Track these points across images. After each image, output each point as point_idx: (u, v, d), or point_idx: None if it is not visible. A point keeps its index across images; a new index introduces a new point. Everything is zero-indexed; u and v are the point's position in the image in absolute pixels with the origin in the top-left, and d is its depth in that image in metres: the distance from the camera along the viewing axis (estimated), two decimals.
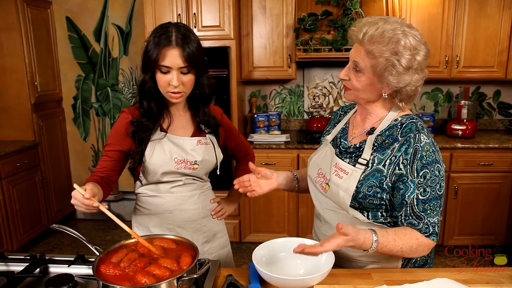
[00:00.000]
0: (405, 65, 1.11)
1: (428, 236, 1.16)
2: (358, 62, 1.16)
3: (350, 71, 1.20)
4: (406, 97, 1.19)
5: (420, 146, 1.14)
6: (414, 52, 1.12)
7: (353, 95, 1.23)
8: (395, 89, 1.17)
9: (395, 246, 1.13)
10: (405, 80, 1.14)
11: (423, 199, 1.14)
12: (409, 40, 1.11)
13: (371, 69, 1.15)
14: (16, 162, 3.24)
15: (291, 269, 1.23)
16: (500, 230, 3.22)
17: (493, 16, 3.16)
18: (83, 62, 3.88)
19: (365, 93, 1.20)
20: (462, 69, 3.29)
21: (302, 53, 3.22)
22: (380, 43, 1.11)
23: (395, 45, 1.10)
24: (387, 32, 1.11)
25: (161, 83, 1.34)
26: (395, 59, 1.11)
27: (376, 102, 1.24)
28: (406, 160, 1.14)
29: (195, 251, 1.13)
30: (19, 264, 1.24)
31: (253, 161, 1.70)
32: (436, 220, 1.16)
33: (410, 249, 1.15)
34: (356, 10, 3.08)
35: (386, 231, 1.14)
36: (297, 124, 3.86)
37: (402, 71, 1.12)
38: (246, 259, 3.22)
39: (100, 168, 1.38)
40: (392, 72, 1.12)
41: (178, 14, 3.09)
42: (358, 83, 1.19)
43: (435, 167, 1.14)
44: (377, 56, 1.12)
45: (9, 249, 3.15)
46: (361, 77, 1.17)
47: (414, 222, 1.16)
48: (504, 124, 3.70)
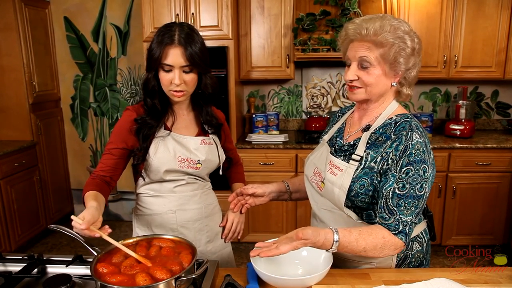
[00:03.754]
0: (410, 46, 1.17)
1: (396, 234, 1.14)
2: (366, 57, 1.17)
3: (358, 70, 1.20)
4: (412, 80, 1.23)
5: (411, 144, 1.14)
6: (411, 36, 1.18)
7: (365, 92, 1.22)
8: (403, 74, 1.20)
9: (358, 246, 1.12)
10: (412, 61, 1.19)
11: (399, 194, 1.13)
12: (404, 27, 1.18)
13: (381, 59, 1.17)
14: (14, 162, 3.23)
15: (290, 269, 1.23)
16: (498, 230, 3.23)
17: (491, 16, 3.17)
18: (81, 62, 3.87)
19: (377, 87, 1.21)
20: (460, 69, 3.29)
21: (301, 53, 3.22)
22: (385, 32, 1.15)
23: (397, 31, 1.16)
24: (385, 23, 1.16)
25: (163, 81, 1.35)
26: (402, 42, 1.16)
27: (385, 95, 1.25)
28: (394, 156, 1.14)
29: (193, 250, 1.13)
30: (17, 264, 1.24)
31: (242, 169, 1.76)
32: (408, 220, 1.14)
33: (374, 248, 1.13)
34: (354, 10, 3.08)
35: (349, 231, 1.12)
36: (296, 124, 3.86)
37: (410, 52, 1.17)
38: (245, 259, 3.22)
39: (103, 167, 1.37)
40: (402, 54, 1.17)
41: (176, 14, 3.08)
42: (371, 77, 1.19)
43: (421, 167, 1.13)
44: (384, 44, 1.15)
45: (7, 249, 3.14)
46: (371, 70, 1.18)
47: (385, 216, 1.15)
48: (502, 124, 3.70)
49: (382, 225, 1.16)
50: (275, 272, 1.14)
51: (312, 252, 1.25)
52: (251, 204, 1.47)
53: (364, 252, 1.13)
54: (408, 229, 1.14)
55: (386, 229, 1.15)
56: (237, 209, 1.47)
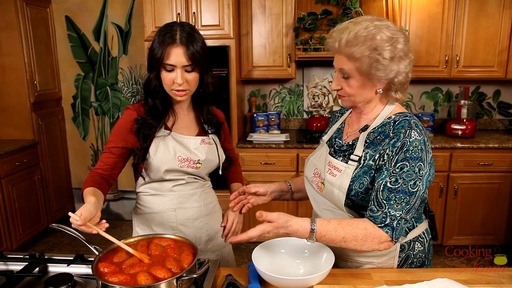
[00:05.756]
0: (388, 56, 1.12)
1: (382, 227, 1.11)
2: (343, 69, 1.17)
3: (340, 80, 1.21)
4: (399, 86, 1.19)
5: (409, 140, 1.13)
6: (392, 42, 1.12)
7: (349, 101, 1.24)
8: (387, 82, 1.17)
9: (336, 236, 1.10)
10: (393, 71, 1.14)
11: (391, 187, 1.12)
12: (383, 33, 1.12)
13: (357, 72, 1.15)
14: (15, 161, 3.24)
15: (291, 269, 1.23)
16: (499, 230, 3.22)
17: (493, 15, 3.16)
18: (83, 61, 3.87)
19: (360, 96, 1.21)
20: (462, 68, 3.28)
21: (302, 53, 3.21)
22: (356, 45, 1.12)
23: (372, 41, 1.11)
24: (360, 32, 1.12)
25: (165, 81, 1.35)
26: (377, 54, 1.11)
27: (373, 100, 1.24)
28: (391, 152, 1.14)
29: (194, 250, 1.13)
30: (18, 264, 1.24)
31: (240, 169, 1.76)
32: (397, 215, 1.11)
33: (354, 239, 1.11)
34: (356, 10, 3.07)
35: (328, 221, 1.12)
36: (297, 123, 3.86)
37: (387, 63, 1.13)
38: (246, 259, 3.22)
39: (102, 165, 1.37)
40: (378, 67, 1.13)
41: (178, 13, 3.08)
42: (351, 89, 1.19)
43: (416, 164, 1.12)
44: (358, 57, 1.13)
45: (8, 248, 3.14)
46: (350, 81, 1.18)
47: (373, 209, 1.13)
48: (504, 124, 3.69)
49: (369, 218, 1.14)
50: (276, 272, 1.14)
51: (313, 252, 1.25)
52: (253, 203, 1.46)
53: (344, 243, 1.11)
54: (396, 224, 1.11)
55: (371, 221, 1.13)
56: (237, 208, 1.46)
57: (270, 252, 1.25)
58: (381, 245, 1.13)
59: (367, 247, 1.13)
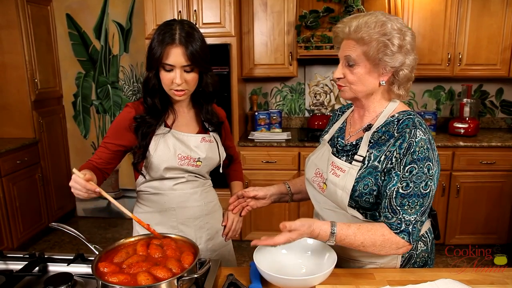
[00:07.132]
0: (397, 43, 1.13)
1: (398, 233, 1.12)
2: (349, 55, 1.17)
3: (344, 68, 1.21)
4: (403, 80, 1.18)
5: (415, 141, 1.12)
6: (402, 33, 1.14)
7: (350, 91, 1.22)
8: (392, 72, 1.17)
9: (355, 240, 1.12)
10: (399, 59, 1.14)
11: (403, 193, 1.11)
12: (394, 23, 1.14)
13: (364, 56, 1.15)
14: (16, 160, 3.23)
15: (293, 269, 1.22)
16: (502, 229, 3.21)
17: (496, 13, 3.14)
18: (83, 59, 3.87)
19: (362, 85, 1.19)
20: (465, 66, 3.26)
21: (304, 51, 3.20)
22: (367, 28, 1.13)
23: (382, 27, 1.13)
24: (370, 20, 1.14)
25: (164, 80, 1.35)
26: (386, 39, 1.12)
27: (374, 94, 1.22)
28: (398, 154, 1.13)
29: (195, 250, 1.12)
30: (18, 263, 1.23)
31: (240, 167, 1.77)
32: (412, 219, 1.12)
33: (373, 244, 1.12)
34: (358, 7, 3.06)
35: (348, 225, 1.14)
36: (298, 122, 3.84)
37: (396, 50, 1.13)
38: (247, 258, 3.21)
39: (96, 158, 1.38)
40: (386, 52, 1.13)
41: (179, 11, 3.07)
42: (354, 76, 1.18)
43: (424, 164, 1.11)
44: (367, 40, 1.13)
45: (9, 247, 3.14)
46: (355, 69, 1.18)
47: (388, 216, 1.14)
48: (506, 123, 3.68)
49: (385, 223, 1.15)
50: (278, 272, 1.13)
51: (316, 251, 1.24)
52: (252, 206, 1.47)
53: (363, 247, 1.13)
54: (412, 228, 1.12)
55: (387, 227, 1.14)
56: (237, 211, 1.48)
57: (272, 251, 1.24)
58: (400, 250, 1.15)
59: (386, 252, 1.15)
